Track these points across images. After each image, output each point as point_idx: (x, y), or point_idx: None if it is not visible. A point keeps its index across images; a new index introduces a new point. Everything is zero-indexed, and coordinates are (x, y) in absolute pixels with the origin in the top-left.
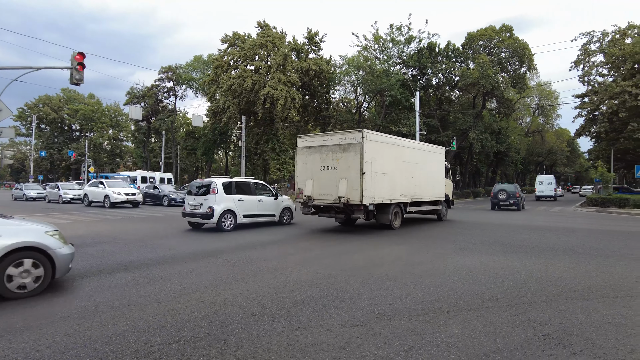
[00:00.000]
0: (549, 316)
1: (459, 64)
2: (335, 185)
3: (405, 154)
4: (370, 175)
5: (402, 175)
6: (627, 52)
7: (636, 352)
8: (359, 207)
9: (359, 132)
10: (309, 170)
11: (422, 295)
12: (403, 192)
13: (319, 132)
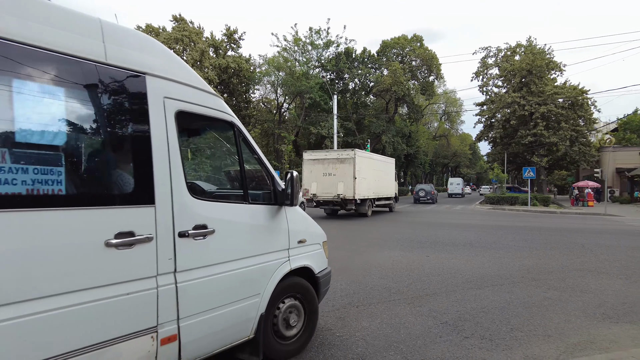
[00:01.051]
0: (447, 305)
1: (374, 70)
2: (334, 186)
3: (375, 164)
4: (358, 179)
5: (374, 179)
6: (516, 68)
7: (515, 331)
8: (351, 201)
9: (352, 151)
10: (313, 176)
11: (333, 292)
12: (374, 191)
13: (321, 150)
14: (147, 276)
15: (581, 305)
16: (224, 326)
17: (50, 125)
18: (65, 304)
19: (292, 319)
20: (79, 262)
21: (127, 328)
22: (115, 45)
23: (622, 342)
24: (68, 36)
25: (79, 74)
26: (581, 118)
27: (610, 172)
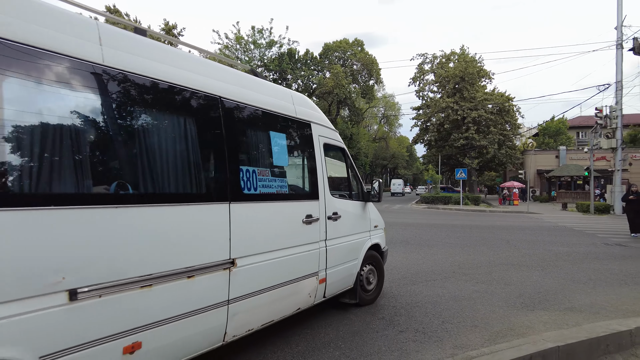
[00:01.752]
0: (384, 302)
1: (316, 72)
2: None
3: None
4: None
5: None
6: (450, 74)
7: (446, 323)
8: None
9: None
10: None
11: None
12: None
13: None
14: (316, 241)
15: (504, 296)
16: (343, 276)
17: (282, 154)
18: (285, 255)
19: (370, 278)
20: (291, 230)
21: (306, 271)
22: (299, 107)
23: (536, 327)
24: (292, 108)
25: (291, 128)
26: (508, 123)
27: (532, 173)
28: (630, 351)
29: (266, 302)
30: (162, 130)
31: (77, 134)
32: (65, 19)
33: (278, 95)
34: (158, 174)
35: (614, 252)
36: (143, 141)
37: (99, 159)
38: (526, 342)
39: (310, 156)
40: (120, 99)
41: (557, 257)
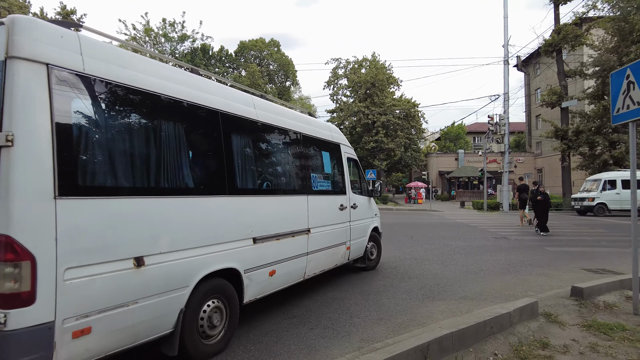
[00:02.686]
0: (297, 301)
1: (232, 70)
2: None
3: None
4: None
5: None
6: (362, 80)
7: (354, 318)
8: None
9: None
10: None
11: None
12: None
13: None
14: (345, 221)
15: (408, 289)
16: (359, 247)
17: (327, 165)
18: (330, 228)
19: (373, 251)
20: (334, 214)
21: (341, 240)
22: (334, 134)
23: (435, 316)
24: (330, 135)
25: (330, 148)
26: (413, 128)
27: (434, 174)
28: (509, 330)
29: (323, 256)
30: (284, 157)
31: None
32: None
33: (323, 127)
34: (283, 179)
35: (501, 245)
36: (283, 163)
37: (259, 170)
38: (425, 331)
39: (340, 166)
40: (265, 141)
41: (454, 251)
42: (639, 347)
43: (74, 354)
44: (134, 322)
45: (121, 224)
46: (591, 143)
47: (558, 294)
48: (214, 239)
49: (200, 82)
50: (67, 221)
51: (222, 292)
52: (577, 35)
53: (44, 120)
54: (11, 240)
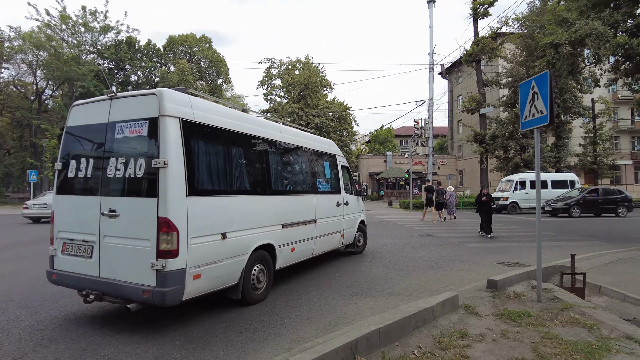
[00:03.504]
0: (226, 305)
1: (160, 65)
2: None
3: None
4: None
5: None
6: (296, 81)
7: (284, 319)
8: None
9: None
10: None
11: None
12: None
13: None
14: (341, 215)
15: (338, 287)
16: (350, 235)
17: (327, 171)
18: (330, 219)
19: (360, 239)
20: (332, 208)
21: (337, 229)
22: (332, 147)
23: (363, 313)
24: (329, 149)
25: (329, 158)
26: (345, 130)
27: (364, 175)
28: (432, 323)
29: (325, 240)
30: (299, 166)
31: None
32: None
33: (325, 143)
34: (297, 180)
35: (425, 242)
36: (299, 171)
37: (285, 176)
38: (353, 328)
39: (336, 172)
40: (288, 156)
41: (383, 249)
42: (540, 331)
43: (192, 289)
44: (221, 273)
45: (214, 212)
46: (505, 147)
47: (476, 287)
48: (261, 223)
49: (247, 117)
50: (191, 210)
51: (264, 259)
52: (493, 48)
53: (179, 151)
54: (168, 221)
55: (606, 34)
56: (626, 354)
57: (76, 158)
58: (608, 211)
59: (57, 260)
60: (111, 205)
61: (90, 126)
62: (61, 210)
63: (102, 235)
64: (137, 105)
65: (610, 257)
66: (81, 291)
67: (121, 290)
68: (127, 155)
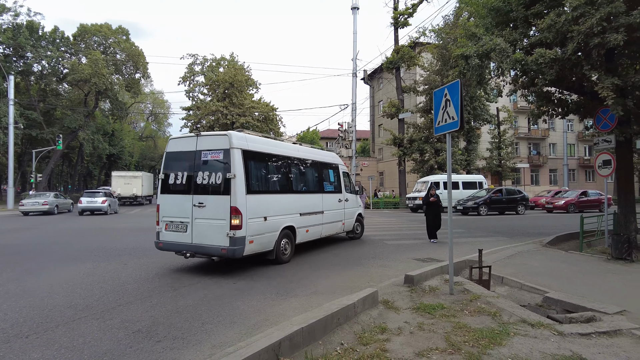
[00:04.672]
0: (141, 312)
1: (69, 56)
2: None
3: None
4: None
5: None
6: (220, 79)
7: (206, 325)
8: None
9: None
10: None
11: (2, 322)
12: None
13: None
14: (342, 208)
15: (262, 289)
16: (349, 224)
17: (331, 176)
18: (333, 211)
19: (357, 227)
20: (335, 203)
21: (339, 218)
22: (335, 159)
23: (287, 314)
24: (333, 160)
25: (333, 167)
26: (272, 131)
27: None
28: (354, 320)
29: (330, 226)
30: (311, 173)
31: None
32: (267, 140)
33: (330, 156)
34: (309, 183)
35: (348, 241)
36: (311, 177)
37: (301, 180)
38: (277, 330)
39: (338, 176)
40: (304, 166)
41: (308, 249)
42: (452, 321)
43: (248, 249)
44: (264, 242)
45: (260, 204)
46: (421, 150)
47: (394, 283)
48: (286, 212)
49: (278, 143)
50: (248, 202)
51: (288, 236)
52: (412, 57)
53: (242, 168)
54: (236, 208)
55: (507, 50)
56: (521, 336)
57: (174, 171)
58: (510, 209)
59: (162, 234)
60: (200, 200)
61: (183, 152)
62: (164, 204)
63: (194, 218)
64: (215, 140)
65: (511, 250)
66: (180, 252)
67: (207, 250)
68: (210, 170)
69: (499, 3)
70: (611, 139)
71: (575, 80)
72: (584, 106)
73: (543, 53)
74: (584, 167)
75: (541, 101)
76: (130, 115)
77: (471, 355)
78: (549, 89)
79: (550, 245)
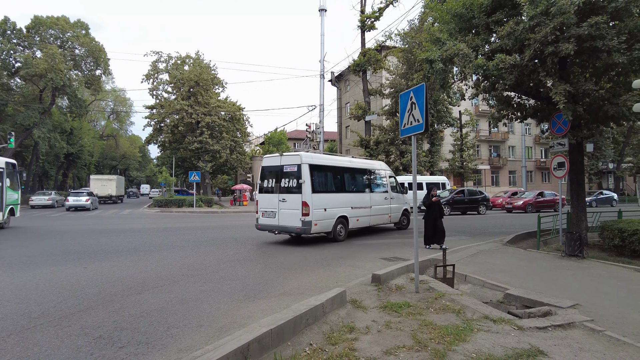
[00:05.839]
0: (103, 318)
1: (21, 49)
2: None
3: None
4: None
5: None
6: (185, 77)
7: (172, 329)
8: None
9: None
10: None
11: None
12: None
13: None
14: (387, 205)
15: (230, 291)
16: (395, 217)
17: (380, 180)
18: (380, 206)
19: (404, 220)
20: (382, 200)
21: (386, 213)
22: (383, 167)
23: (255, 316)
24: (381, 167)
25: (381, 173)
26: (238, 131)
27: (258, 177)
28: (322, 320)
29: (376, 218)
30: (361, 177)
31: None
32: (326, 156)
33: (380, 165)
34: (359, 185)
35: (316, 241)
36: (361, 180)
37: (352, 182)
38: (245, 332)
39: (385, 180)
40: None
41: (276, 250)
42: (418, 319)
43: (314, 230)
44: (324, 225)
45: (321, 200)
46: (387, 152)
47: (362, 282)
48: (340, 206)
49: (334, 157)
50: (313, 198)
51: (342, 223)
52: (378, 60)
53: (309, 176)
54: (306, 201)
55: (469, 55)
56: (484, 332)
57: (266, 179)
58: (472, 209)
59: (260, 220)
60: (283, 197)
61: (272, 166)
62: (261, 200)
63: (279, 208)
64: (292, 158)
65: (473, 249)
66: (271, 231)
67: (288, 229)
68: (289, 177)
69: (462, 10)
70: (565, 142)
71: (532, 86)
72: (540, 110)
73: (503, 59)
74: (541, 169)
75: (501, 105)
76: (90, 113)
77: (437, 352)
78: (508, 93)
79: (510, 243)
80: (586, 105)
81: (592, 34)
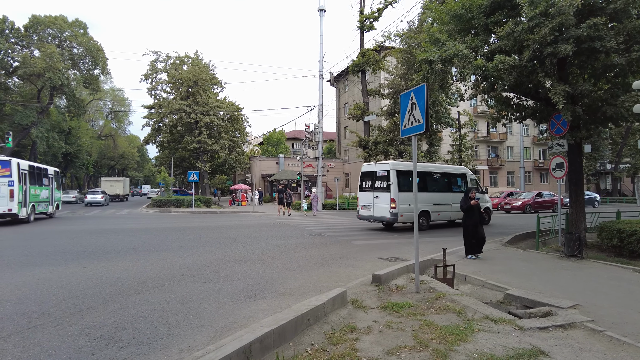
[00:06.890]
0: (103, 318)
1: (19, 48)
2: None
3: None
4: None
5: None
6: (184, 77)
7: (173, 329)
8: None
9: None
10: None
11: None
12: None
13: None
14: None
15: (230, 292)
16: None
17: (460, 181)
18: (447, 203)
19: (485, 217)
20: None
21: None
22: (464, 170)
23: (256, 316)
24: (463, 171)
25: (461, 175)
26: (237, 131)
27: (257, 177)
28: (323, 320)
29: (456, 214)
30: (443, 179)
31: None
32: (410, 164)
33: (459, 168)
34: (440, 186)
35: (316, 242)
36: (442, 181)
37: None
38: (247, 332)
39: (465, 181)
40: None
41: (276, 250)
42: (419, 319)
43: (400, 220)
44: (409, 217)
45: (406, 197)
46: (386, 152)
47: (362, 282)
48: (423, 202)
49: (418, 163)
50: (399, 196)
51: (425, 216)
52: (377, 60)
53: (396, 179)
54: (393, 198)
55: (469, 56)
56: (485, 332)
57: (364, 181)
58: None
59: (360, 212)
60: (376, 195)
61: (369, 171)
62: (361, 196)
63: (374, 203)
64: (383, 166)
65: None
66: (368, 220)
67: (380, 218)
68: (381, 180)
69: (461, 10)
70: (564, 143)
71: (531, 87)
72: (539, 111)
73: (502, 60)
74: (539, 169)
75: (500, 106)
76: (89, 113)
77: (439, 352)
78: (507, 94)
79: (509, 244)
80: (585, 106)
81: (590, 35)
